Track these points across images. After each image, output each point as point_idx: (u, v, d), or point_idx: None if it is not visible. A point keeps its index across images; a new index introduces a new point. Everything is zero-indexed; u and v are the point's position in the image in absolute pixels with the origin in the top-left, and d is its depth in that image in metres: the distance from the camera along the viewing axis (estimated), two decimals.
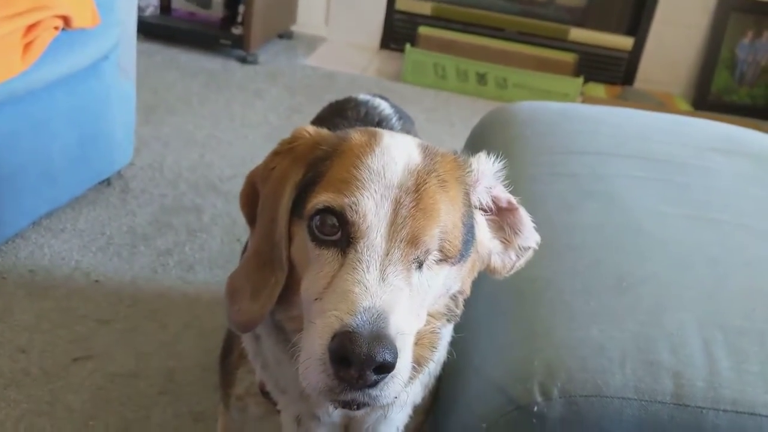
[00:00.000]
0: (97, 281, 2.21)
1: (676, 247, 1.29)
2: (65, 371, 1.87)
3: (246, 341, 1.17)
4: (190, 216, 2.60)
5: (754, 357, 1.06)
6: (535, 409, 1.02)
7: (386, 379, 0.82)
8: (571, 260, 1.24)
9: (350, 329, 0.80)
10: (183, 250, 2.41)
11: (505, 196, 1.07)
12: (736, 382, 1.03)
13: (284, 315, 1.01)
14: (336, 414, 1.10)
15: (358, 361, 0.79)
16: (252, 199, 1.06)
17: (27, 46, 2.00)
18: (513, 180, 1.09)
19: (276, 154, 1.03)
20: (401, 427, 1.20)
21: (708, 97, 4.48)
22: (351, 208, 0.88)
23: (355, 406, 0.87)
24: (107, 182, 2.68)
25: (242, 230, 2.50)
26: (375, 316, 0.81)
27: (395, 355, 0.80)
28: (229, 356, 1.28)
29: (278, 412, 1.17)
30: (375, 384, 0.82)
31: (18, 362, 1.87)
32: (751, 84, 4.48)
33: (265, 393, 1.18)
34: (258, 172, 1.05)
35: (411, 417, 1.20)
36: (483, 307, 1.22)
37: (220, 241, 2.48)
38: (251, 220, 1.06)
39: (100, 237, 2.41)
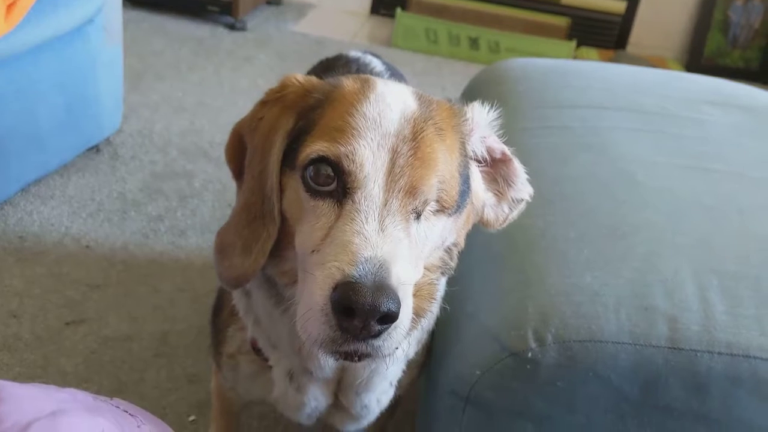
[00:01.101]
0: (87, 247, 2.19)
1: (670, 195, 1.28)
2: (58, 335, 1.86)
3: (236, 298, 1.16)
4: (181, 182, 2.57)
5: (749, 301, 1.06)
6: (530, 355, 1.02)
7: (389, 329, 0.81)
8: (565, 209, 1.23)
9: (353, 279, 0.78)
10: (174, 216, 2.39)
11: (499, 146, 1.05)
12: (731, 326, 1.03)
13: (275, 269, 0.99)
14: (328, 369, 1.09)
15: (362, 311, 0.77)
16: (239, 152, 1.02)
17: (10, 8, 1.96)
18: (506, 134, 1.08)
19: (264, 103, 1.00)
20: (394, 382, 1.20)
21: (701, 61, 4.46)
22: (347, 157, 0.86)
23: (357, 357, 0.85)
24: (96, 149, 2.65)
25: (234, 195, 2.48)
26: (377, 266, 0.80)
27: (398, 305, 0.79)
28: (220, 314, 1.27)
29: (270, 368, 1.17)
30: (378, 334, 0.80)
31: (9, 327, 1.86)
32: (744, 47, 4.45)
33: (257, 350, 1.17)
34: (245, 123, 1.01)
35: (404, 372, 1.20)
36: (477, 255, 1.21)
37: (211, 207, 2.46)
38: (238, 173, 1.03)
39: (90, 203, 2.38)
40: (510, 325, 1.05)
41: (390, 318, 0.79)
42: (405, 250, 0.85)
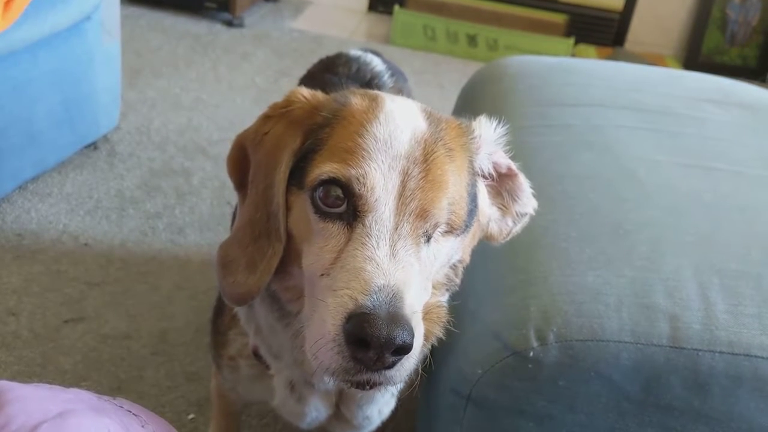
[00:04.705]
0: (86, 244, 2.18)
1: (672, 194, 1.28)
2: (56, 333, 1.86)
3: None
4: (179, 179, 2.57)
5: (750, 300, 1.06)
6: (531, 354, 1.02)
7: (402, 360, 0.80)
8: (567, 208, 1.23)
9: (366, 310, 0.77)
10: (173, 213, 2.38)
11: (505, 161, 1.04)
12: (732, 325, 1.03)
13: (280, 285, 0.98)
14: (331, 382, 1.06)
15: (377, 343, 0.76)
16: (241, 164, 1.01)
17: (7, 4, 1.95)
18: (506, 132, 1.07)
19: (268, 117, 0.98)
20: (396, 393, 1.19)
21: (699, 58, 4.45)
22: (358, 180, 0.84)
23: (369, 386, 0.84)
24: (94, 146, 2.64)
25: (232, 193, 2.47)
26: (390, 296, 0.78)
27: (413, 336, 0.78)
28: (221, 316, 1.25)
29: (271, 375, 1.16)
30: (392, 365, 0.80)
31: (8, 325, 1.85)
32: (742, 44, 4.45)
33: (258, 356, 1.16)
34: (248, 136, 0.99)
35: (406, 381, 1.19)
36: (479, 254, 1.21)
37: (210, 204, 2.46)
38: (240, 185, 1.01)
39: (87, 201, 2.38)
40: (512, 324, 1.05)
41: (404, 349, 0.78)
42: (416, 275, 0.84)
